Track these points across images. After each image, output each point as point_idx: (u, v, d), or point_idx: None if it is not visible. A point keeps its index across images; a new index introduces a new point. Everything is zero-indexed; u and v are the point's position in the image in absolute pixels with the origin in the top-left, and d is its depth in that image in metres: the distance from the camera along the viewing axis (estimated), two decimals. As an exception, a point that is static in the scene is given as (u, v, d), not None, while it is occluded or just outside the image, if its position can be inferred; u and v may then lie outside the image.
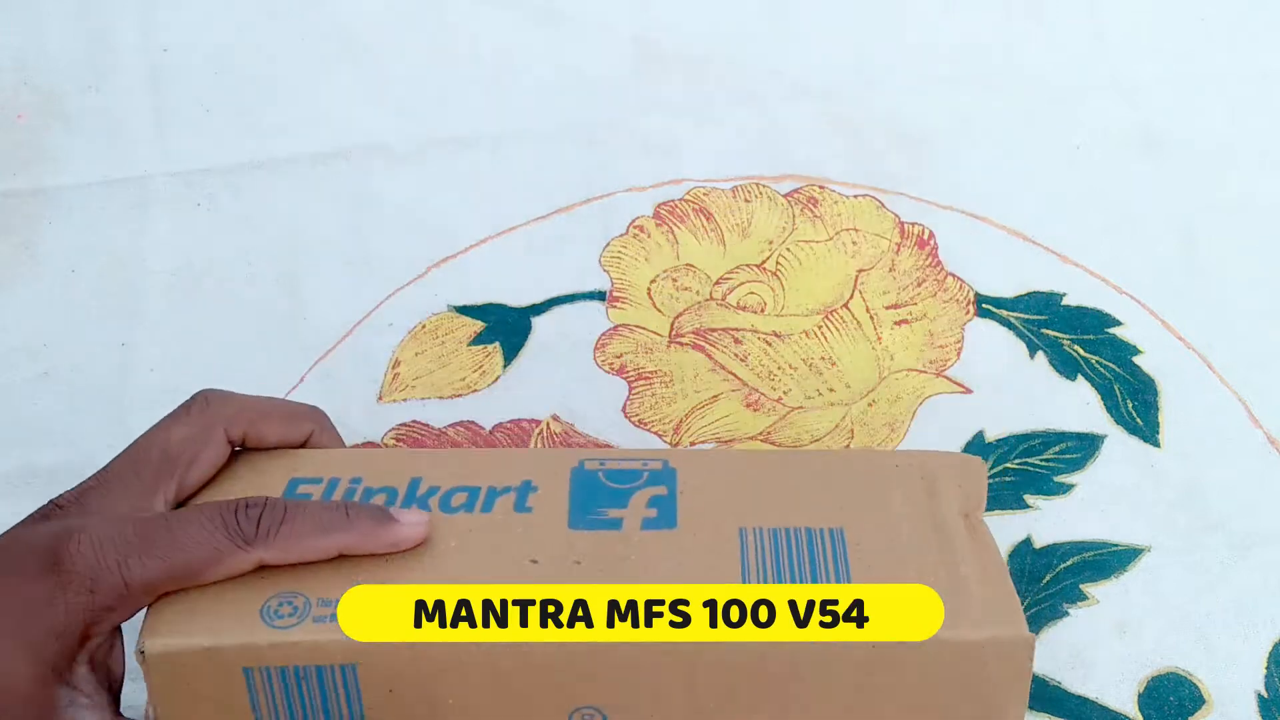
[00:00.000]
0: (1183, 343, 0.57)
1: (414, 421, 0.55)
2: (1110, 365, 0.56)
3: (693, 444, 0.55)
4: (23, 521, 0.41)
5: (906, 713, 0.39)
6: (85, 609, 0.38)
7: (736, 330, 0.57)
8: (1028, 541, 0.52)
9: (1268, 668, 0.50)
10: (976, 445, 0.54)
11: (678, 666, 0.38)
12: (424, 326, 0.58)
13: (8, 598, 0.38)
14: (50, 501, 0.41)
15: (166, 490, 0.41)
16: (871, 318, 0.58)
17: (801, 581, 0.39)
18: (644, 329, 0.57)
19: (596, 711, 0.39)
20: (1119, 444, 0.55)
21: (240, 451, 0.44)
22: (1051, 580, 0.51)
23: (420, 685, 0.38)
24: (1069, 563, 0.52)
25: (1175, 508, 0.53)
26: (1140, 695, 0.49)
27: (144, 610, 0.39)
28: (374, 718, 0.39)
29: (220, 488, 0.42)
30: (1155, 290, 0.58)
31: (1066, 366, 0.56)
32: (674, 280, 0.59)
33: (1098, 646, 0.50)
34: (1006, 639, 0.38)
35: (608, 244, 0.60)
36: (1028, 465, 0.54)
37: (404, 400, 0.56)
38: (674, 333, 0.57)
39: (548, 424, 0.55)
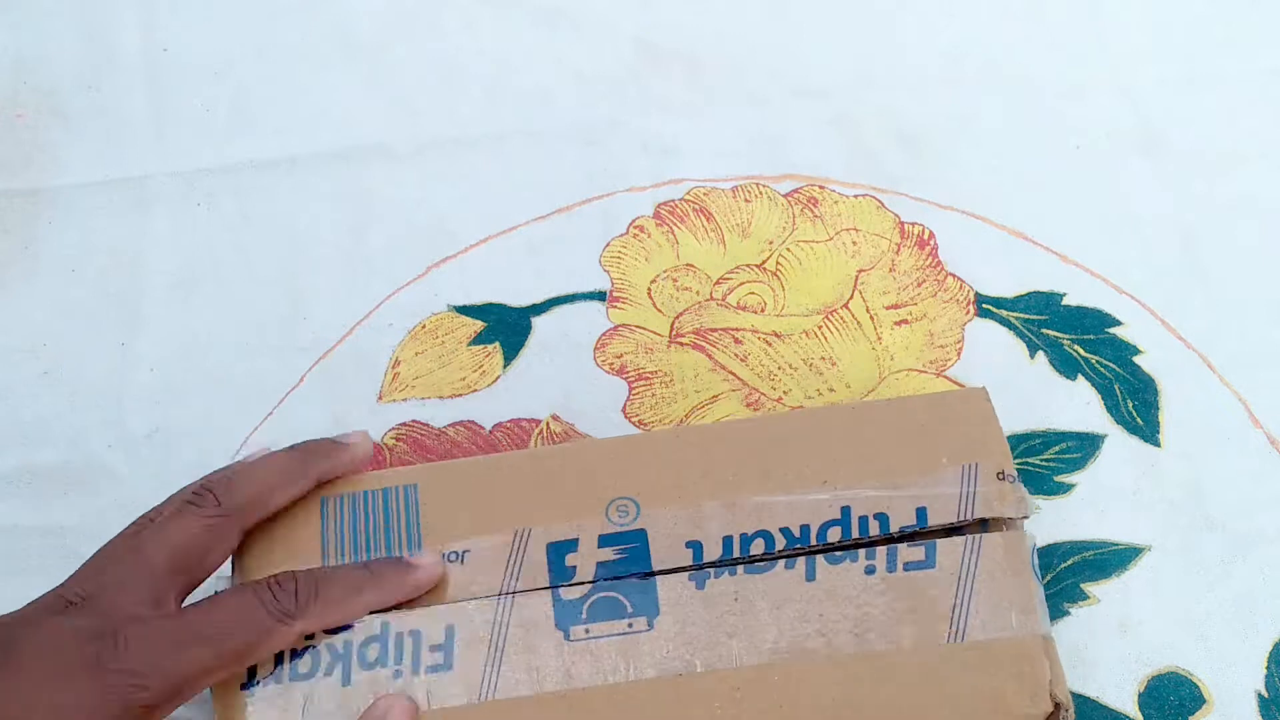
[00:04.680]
0: (1183, 343, 0.57)
1: (414, 421, 0.55)
2: (1110, 365, 0.56)
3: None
4: (33, 613, 0.40)
5: (898, 452, 0.45)
6: (140, 705, 0.38)
7: (736, 330, 0.57)
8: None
9: (1268, 668, 0.50)
10: (976, 445, 0.54)
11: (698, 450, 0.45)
12: (424, 326, 0.58)
13: (58, 700, 0.37)
14: (54, 593, 0.40)
15: (177, 589, 0.41)
16: (871, 318, 0.58)
17: None
18: (644, 329, 0.57)
19: (630, 501, 0.44)
20: (1119, 444, 0.55)
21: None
22: (1052, 580, 0.51)
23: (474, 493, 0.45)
24: (1069, 562, 0.52)
25: (1175, 508, 0.53)
26: (1140, 695, 0.49)
27: None
28: (430, 525, 0.44)
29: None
30: (1155, 290, 0.58)
31: (1066, 366, 0.56)
32: (674, 280, 0.59)
33: (1098, 646, 0.50)
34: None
35: (608, 244, 0.60)
36: (1028, 465, 0.54)
37: (404, 400, 0.56)
38: (674, 333, 0.57)
39: (547, 424, 0.55)
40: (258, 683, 0.41)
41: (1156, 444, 0.55)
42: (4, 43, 0.66)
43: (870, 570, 0.42)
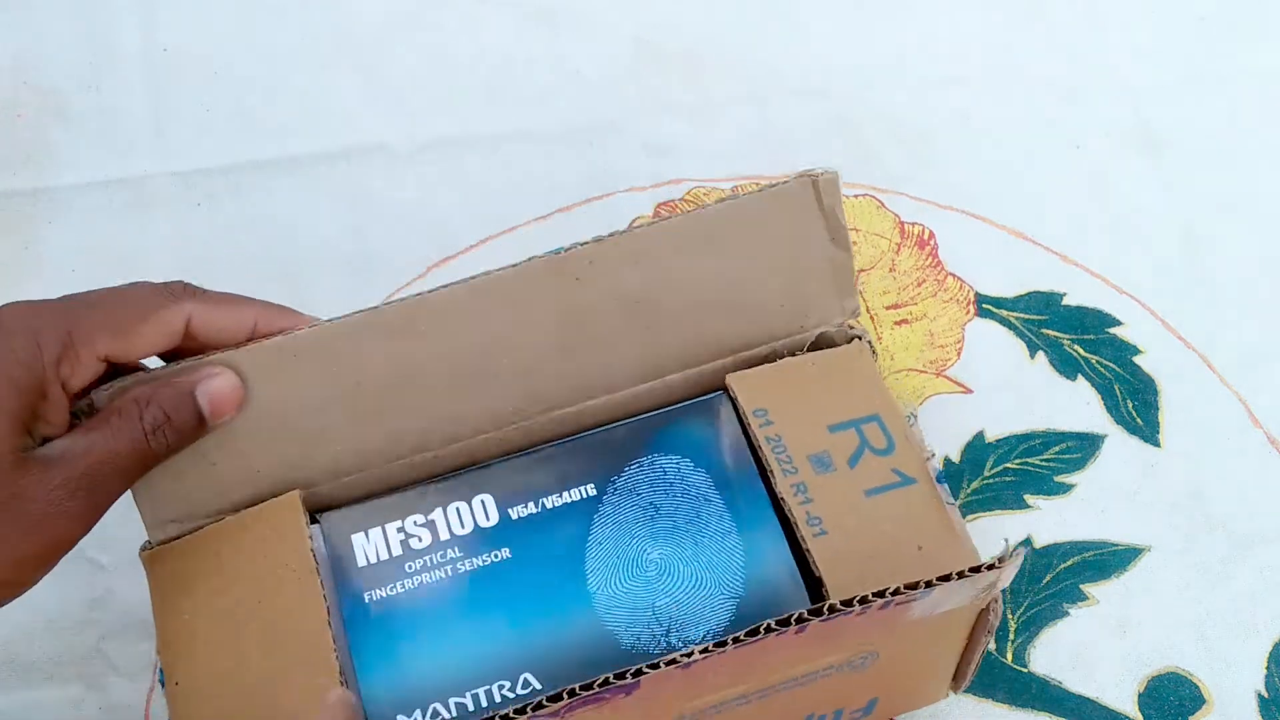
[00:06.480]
0: (1183, 343, 0.57)
1: (414, 421, 0.55)
2: (1110, 365, 0.56)
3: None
4: None
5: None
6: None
7: (736, 330, 0.57)
8: (1028, 541, 0.52)
9: (1268, 668, 0.50)
10: (977, 445, 0.54)
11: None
12: (424, 326, 0.58)
13: None
14: None
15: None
16: (872, 318, 0.57)
17: None
18: (644, 329, 0.57)
19: None
20: (1119, 444, 0.55)
21: None
22: (1052, 580, 0.51)
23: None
24: (1069, 563, 0.52)
25: (1175, 508, 0.53)
26: (1140, 695, 0.49)
27: None
28: None
29: None
30: (1155, 290, 0.58)
31: (1066, 366, 0.56)
32: (674, 280, 0.59)
33: (1098, 646, 0.50)
34: None
35: (608, 244, 0.60)
36: (1028, 465, 0.54)
37: (404, 400, 0.56)
38: (674, 333, 0.57)
39: (548, 424, 0.55)
40: None
41: (1156, 444, 0.55)
42: (4, 43, 0.66)
43: None
